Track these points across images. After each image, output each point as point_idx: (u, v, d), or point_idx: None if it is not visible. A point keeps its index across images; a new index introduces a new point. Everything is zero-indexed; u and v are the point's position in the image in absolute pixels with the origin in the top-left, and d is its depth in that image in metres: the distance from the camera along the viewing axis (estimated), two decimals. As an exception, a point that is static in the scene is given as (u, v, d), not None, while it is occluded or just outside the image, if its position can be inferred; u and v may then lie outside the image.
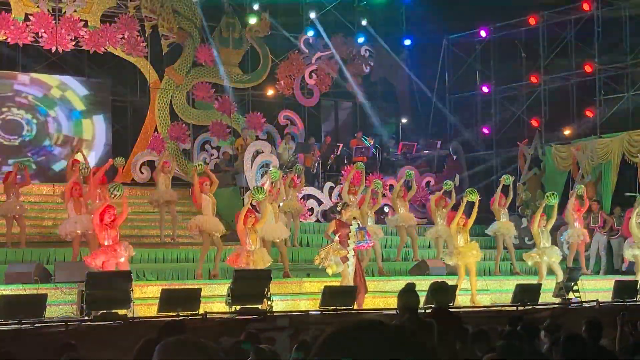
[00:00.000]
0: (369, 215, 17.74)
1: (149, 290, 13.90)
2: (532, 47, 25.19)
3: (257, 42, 24.61)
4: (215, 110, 23.76)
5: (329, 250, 14.62)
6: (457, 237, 16.16)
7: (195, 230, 15.84)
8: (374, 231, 17.24)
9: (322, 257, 14.62)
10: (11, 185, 16.89)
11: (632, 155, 21.65)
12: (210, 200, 15.83)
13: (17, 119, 21.70)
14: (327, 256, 14.54)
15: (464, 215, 16.28)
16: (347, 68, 26.00)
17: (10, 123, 21.63)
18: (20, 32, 21.18)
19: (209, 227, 15.63)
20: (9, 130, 21.53)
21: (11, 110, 21.68)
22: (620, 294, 16.63)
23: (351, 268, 14.64)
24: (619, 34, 22.92)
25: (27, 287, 13.28)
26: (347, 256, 14.58)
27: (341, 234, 14.68)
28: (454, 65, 27.15)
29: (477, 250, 16.32)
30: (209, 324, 12.26)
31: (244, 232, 14.38)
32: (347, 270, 14.63)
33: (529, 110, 25.22)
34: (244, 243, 14.36)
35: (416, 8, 26.44)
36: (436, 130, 26.58)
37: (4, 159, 21.01)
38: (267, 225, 15.19)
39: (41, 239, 18.08)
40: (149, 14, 22.65)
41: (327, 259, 14.51)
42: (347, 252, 14.57)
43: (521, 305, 15.15)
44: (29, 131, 21.77)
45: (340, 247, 14.54)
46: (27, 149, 21.65)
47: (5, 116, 21.55)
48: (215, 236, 15.74)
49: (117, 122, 23.39)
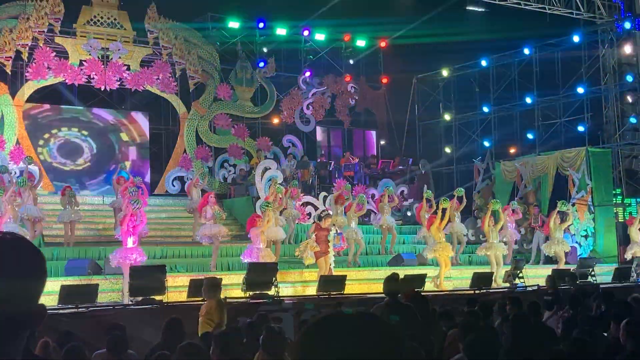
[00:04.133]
0: (353, 219, 17.77)
1: (179, 280, 13.85)
2: (484, 83, 25.25)
3: (265, 81, 24.60)
4: (232, 135, 23.73)
5: (307, 245, 14.79)
6: (438, 236, 16.23)
7: (205, 237, 15.82)
8: (355, 231, 17.36)
9: (301, 250, 14.86)
10: (67, 201, 16.71)
11: (564, 169, 21.69)
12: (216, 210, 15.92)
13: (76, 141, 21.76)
14: (305, 250, 14.74)
15: (440, 217, 16.40)
16: (337, 101, 26.02)
17: (68, 145, 21.66)
18: (75, 75, 21.14)
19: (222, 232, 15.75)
20: (66, 154, 21.56)
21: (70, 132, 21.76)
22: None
23: (331, 262, 14.84)
24: (552, 72, 22.97)
25: (83, 278, 13.26)
26: (320, 251, 14.63)
27: (318, 235, 14.82)
28: (421, 99, 27.18)
29: (451, 248, 16.48)
30: (228, 306, 12.19)
31: (255, 235, 14.39)
32: (322, 263, 14.72)
33: (482, 133, 25.26)
34: (256, 243, 14.39)
35: (391, 53, 26.49)
36: (408, 150, 26.58)
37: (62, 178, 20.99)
38: (269, 228, 15.25)
39: (94, 239, 18.02)
40: (178, 59, 22.62)
41: (304, 252, 14.73)
42: (320, 250, 14.63)
43: (477, 290, 15.11)
44: (89, 157, 21.83)
45: (315, 244, 14.71)
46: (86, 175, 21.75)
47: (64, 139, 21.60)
48: (219, 239, 15.82)
49: (154, 145, 23.36)
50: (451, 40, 22.71)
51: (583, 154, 21.28)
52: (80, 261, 14.59)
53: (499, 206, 17.65)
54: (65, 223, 16.59)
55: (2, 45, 20.15)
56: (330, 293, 13.64)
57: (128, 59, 21.93)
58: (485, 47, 23.75)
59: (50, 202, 17.39)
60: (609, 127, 22.43)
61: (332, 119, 26.13)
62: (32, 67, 20.54)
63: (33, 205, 15.64)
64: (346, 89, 26.17)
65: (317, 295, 13.67)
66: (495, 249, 16.96)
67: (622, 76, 22.60)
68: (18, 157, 20.10)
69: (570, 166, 21.43)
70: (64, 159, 21.53)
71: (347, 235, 17.27)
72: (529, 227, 19.98)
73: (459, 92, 26.17)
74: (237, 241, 18.68)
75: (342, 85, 26.05)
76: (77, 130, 21.95)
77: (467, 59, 25.04)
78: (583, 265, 17.58)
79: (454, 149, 26.13)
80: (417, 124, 27.11)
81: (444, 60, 25.35)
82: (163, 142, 23.59)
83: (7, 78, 20.49)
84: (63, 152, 21.59)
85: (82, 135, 21.93)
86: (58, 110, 21.86)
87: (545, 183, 22.05)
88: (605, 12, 22.49)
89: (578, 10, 22.04)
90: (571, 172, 21.39)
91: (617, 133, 22.14)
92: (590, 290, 14.75)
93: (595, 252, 20.29)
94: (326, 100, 25.75)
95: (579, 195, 21.19)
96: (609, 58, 22.47)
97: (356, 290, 14.76)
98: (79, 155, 21.82)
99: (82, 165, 21.79)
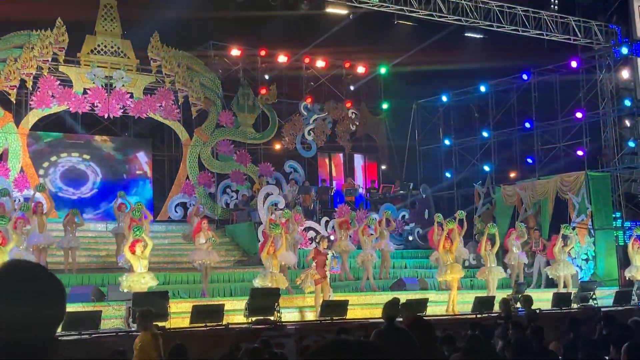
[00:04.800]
0: (366, 241, 17.76)
1: (182, 306, 13.82)
2: (483, 108, 25.33)
3: (267, 108, 24.72)
4: (234, 161, 23.80)
5: (308, 274, 14.74)
6: (445, 258, 16.19)
7: (198, 261, 15.79)
8: (370, 254, 17.44)
9: (302, 279, 14.82)
10: (68, 224, 16.72)
11: (564, 193, 21.69)
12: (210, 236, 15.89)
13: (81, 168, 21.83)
14: (306, 279, 14.70)
15: (448, 239, 16.33)
16: (338, 127, 26.12)
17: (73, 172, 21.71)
18: (79, 103, 21.25)
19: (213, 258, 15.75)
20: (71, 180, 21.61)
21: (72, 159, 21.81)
22: (557, 304, 16.56)
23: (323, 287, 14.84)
24: (551, 97, 23.06)
25: (86, 305, 13.23)
26: (323, 278, 14.63)
27: (318, 260, 14.78)
28: (422, 124, 27.26)
29: (460, 270, 16.36)
30: (231, 332, 12.18)
31: (267, 259, 14.34)
32: (319, 289, 14.68)
33: (482, 158, 25.30)
34: (268, 267, 14.36)
35: (391, 79, 26.64)
36: (409, 175, 26.62)
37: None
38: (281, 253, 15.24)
39: (96, 266, 18.00)
40: (181, 87, 22.75)
41: (306, 281, 14.68)
42: (319, 276, 14.59)
43: (479, 314, 15.06)
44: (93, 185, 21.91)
45: (315, 272, 14.66)
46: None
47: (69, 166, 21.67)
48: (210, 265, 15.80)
49: (157, 172, 23.41)
50: (450, 67, 22.84)
51: (582, 178, 21.29)
52: (84, 288, 14.58)
53: (495, 230, 17.62)
54: (64, 249, 16.56)
55: (7, 74, 20.30)
56: (332, 318, 13.60)
57: (131, 87, 22.05)
58: (484, 72, 23.87)
59: (54, 229, 17.37)
60: (607, 151, 22.47)
61: (333, 144, 26.21)
62: (37, 96, 20.67)
63: (39, 232, 15.61)
64: (347, 115, 26.28)
65: (319, 321, 13.63)
66: (492, 273, 16.97)
67: (620, 101, 22.69)
68: (22, 185, 20.17)
69: (570, 190, 21.43)
70: (67, 186, 21.56)
71: (363, 258, 17.34)
72: (529, 251, 19.95)
73: (459, 117, 26.25)
74: (239, 266, 18.68)
75: (343, 111, 26.17)
76: (79, 155, 21.95)
77: (466, 84, 25.15)
78: (584, 288, 17.53)
79: (455, 173, 26.15)
80: (417, 149, 27.16)
81: (443, 85, 25.48)
82: (166, 169, 23.64)
83: (11, 107, 20.61)
84: (66, 180, 21.62)
85: (85, 161, 21.94)
86: (62, 137, 21.97)
87: (545, 207, 22.03)
88: (603, 38, 22.63)
89: (575, 36, 22.19)
90: (571, 196, 21.38)
91: (616, 157, 22.18)
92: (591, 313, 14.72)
93: (595, 276, 20.24)
94: (327, 126, 25.86)
95: (579, 219, 21.17)
96: (607, 83, 22.57)
97: (358, 315, 14.72)
98: (83, 183, 21.84)
99: (87, 193, 21.82)
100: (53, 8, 20.09)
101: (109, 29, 21.90)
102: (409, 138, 27.11)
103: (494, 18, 20.77)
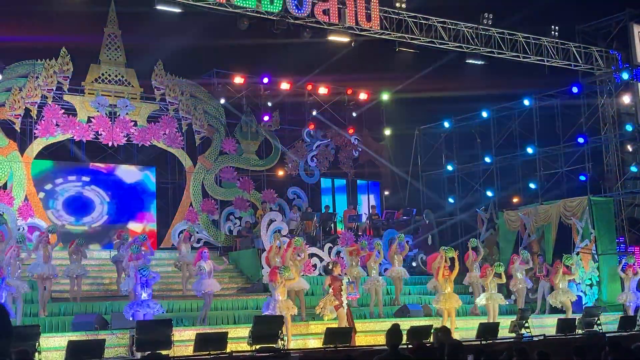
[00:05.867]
0: (374, 268, 17.76)
1: (186, 334, 13.76)
2: (485, 134, 25.38)
3: (270, 135, 24.81)
4: (237, 188, 23.84)
5: (326, 301, 14.72)
6: (444, 286, 16.16)
7: (200, 292, 15.76)
8: (377, 280, 17.58)
9: (321, 307, 14.77)
10: (73, 251, 16.68)
11: (567, 218, 21.65)
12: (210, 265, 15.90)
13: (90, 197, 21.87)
14: (325, 306, 14.66)
15: (447, 268, 16.31)
16: (340, 153, 26.19)
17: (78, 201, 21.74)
18: (83, 131, 21.36)
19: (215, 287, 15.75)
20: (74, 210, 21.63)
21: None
22: (562, 330, 16.47)
23: (345, 312, 14.74)
24: (553, 123, 23.12)
25: (89, 334, 13.18)
26: (341, 304, 14.62)
27: (334, 286, 14.77)
28: (424, 150, 27.31)
29: (457, 300, 16.32)
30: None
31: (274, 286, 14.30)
32: (342, 314, 14.64)
33: (485, 183, 25.30)
34: (275, 295, 14.33)
35: (393, 106, 26.75)
36: (412, 201, 26.61)
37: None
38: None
39: (100, 294, 17.95)
40: (184, 114, 22.87)
41: (325, 309, 14.65)
42: (338, 302, 14.58)
43: (484, 340, 14.97)
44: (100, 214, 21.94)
45: (333, 298, 14.65)
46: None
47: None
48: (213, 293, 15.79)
49: (161, 198, 23.45)
50: (452, 93, 22.95)
51: (585, 203, 21.27)
52: (87, 316, 14.54)
53: (502, 269, 17.46)
54: (71, 278, 16.55)
55: (11, 103, 20.43)
56: (336, 346, 13.52)
57: (135, 115, 22.17)
58: (485, 98, 23.98)
59: (57, 257, 17.35)
60: (610, 176, 22.47)
61: (336, 170, 26.27)
62: (41, 125, 20.78)
63: (44, 262, 15.59)
64: (349, 141, 26.35)
65: (324, 348, 13.55)
66: (493, 299, 16.98)
67: (621, 126, 22.75)
68: (27, 213, 20.19)
69: (573, 215, 21.40)
70: (71, 215, 21.57)
71: (369, 285, 17.33)
72: (533, 277, 19.88)
73: (461, 143, 26.29)
74: (243, 294, 18.61)
75: (346, 137, 26.25)
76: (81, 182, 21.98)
77: (468, 110, 25.24)
78: (589, 314, 17.44)
79: (457, 199, 26.14)
80: (420, 175, 27.19)
81: (445, 111, 25.59)
82: (169, 196, 23.68)
83: (16, 135, 20.71)
84: (71, 208, 21.63)
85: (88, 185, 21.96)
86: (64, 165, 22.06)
87: (548, 232, 21.99)
88: (603, 64, 22.75)
89: (576, 61, 22.31)
90: (575, 220, 21.35)
91: (619, 182, 22.17)
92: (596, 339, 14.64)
93: (600, 301, 20.16)
94: (330, 152, 25.93)
95: (582, 244, 21.12)
96: (608, 108, 22.65)
97: (362, 342, 14.64)
98: (89, 211, 21.87)
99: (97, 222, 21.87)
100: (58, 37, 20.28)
101: (113, 58, 22.06)
102: (411, 164, 27.14)
103: (495, 44, 20.90)
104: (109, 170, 22.42)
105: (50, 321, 14.71)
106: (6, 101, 20.41)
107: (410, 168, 27.00)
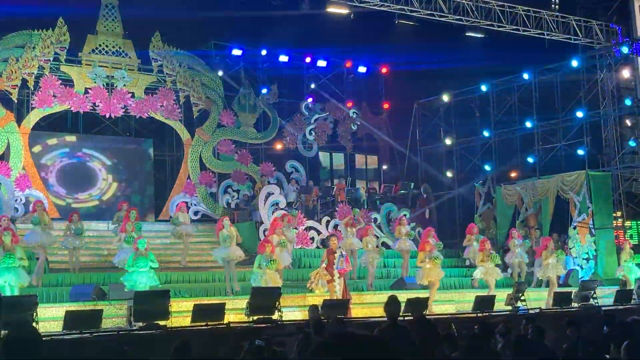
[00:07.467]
0: (370, 242, 17.78)
1: (183, 305, 13.81)
2: (484, 108, 25.32)
3: (268, 108, 24.72)
4: (235, 161, 23.79)
5: (317, 275, 14.79)
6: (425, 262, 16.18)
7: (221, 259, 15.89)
8: (373, 254, 17.54)
9: (311, 281, 14.86)
10: (72, 223, 16.71)
11: (565, 192, 21.67)
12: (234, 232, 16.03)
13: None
14: (315, 280, 14.73)
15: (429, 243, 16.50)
16: (339, 126, 26.11)
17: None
18: (81, 102, 21.26)
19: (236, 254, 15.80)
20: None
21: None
22: (558, 303, 16.54)
23: (338, 286, 14.76)
24: (552, 97, 23.04)
25: (87, 304, 13.23)
26: (332, 278, 14.66)
27: (329, 259, 14.81)
28: (422, 124, 27.24)
29: (437, 272, 16.28)
30: (232, 331, 12.16)
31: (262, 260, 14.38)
32: (334, 288, 14.69)
33: (483, 157, 25.28)
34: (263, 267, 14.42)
35: (392, 79, 26.62)
36: (410, 175, 26.60)
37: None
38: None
39: (98, 265, 17.99)
40: (182, 86, 22.75)
41: (315, 283, 14.72)
42: (329, 277, 14.61)
43: (480, 313, 15.04)
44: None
45: (325, 272, 14.69)
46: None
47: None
48: (234, 261, 15.92)
49: (158, 172, 23.41)
50: (451, 67, 22.83)
51: (583, 177, 21.27)
52: (85, 287, 14.57)
53: (499, 262, 17.71)
54: (69, 249, 16.58)
55: (8, 73, 20.30)
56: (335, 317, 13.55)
57: (133, 86, 22.05)
58: (485, 72, 23.86)
59: (55, 227, 17.34)
60: (608, 151, 22.45)
61: (334, 144, 26.22)
62: (38, 95, 20.67)
63: (41, 230, 15.59)
64: (348, 115, 26.27)
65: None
66: (489, 273, 17.08)
67: (620, 100, 22.69)
68: (24, 184, 20.16)
69: (571, 189, 21.41)
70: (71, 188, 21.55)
71: (367, 258, 17.39)
72: (530, 250, 19.93)
73: (460, 117, 26.22)
74: (240, 266, 18.64)
75: (344, 110, 26.17)
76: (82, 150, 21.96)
77: (467, 84, 25.14)
78: (585, 287, 17.52)
79: (455, 173, 26.13)
80: (418, 149, 27.15)
81: (444, 85, 25.47)
82: (167, 168, 23.65)
83: (13, 106, 20.62)
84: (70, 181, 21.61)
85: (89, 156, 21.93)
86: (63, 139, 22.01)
87: (546, 206, 22.02)
88: (603, 37, 22.62)
89: (576, 35, 22.17)
90: (572, 195, 21.36)
91: (617, 156, 22.15)
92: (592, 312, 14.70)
93: (596, 275, 20.23)
94: (328, 126, 25.85)
95: (580, 218, 21.16)
96: (608, 82, 22.56)
97: (359, 314, 14.70)
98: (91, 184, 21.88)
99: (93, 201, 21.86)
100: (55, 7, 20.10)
101: (111, 29, 21.90)
102: (410, 138, 27.09)
103: (495, 18, 20.76)
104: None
105: (47, 291, 14.74)
106: (3, 71, 20.29)
107: (408, 142, 26.96)
